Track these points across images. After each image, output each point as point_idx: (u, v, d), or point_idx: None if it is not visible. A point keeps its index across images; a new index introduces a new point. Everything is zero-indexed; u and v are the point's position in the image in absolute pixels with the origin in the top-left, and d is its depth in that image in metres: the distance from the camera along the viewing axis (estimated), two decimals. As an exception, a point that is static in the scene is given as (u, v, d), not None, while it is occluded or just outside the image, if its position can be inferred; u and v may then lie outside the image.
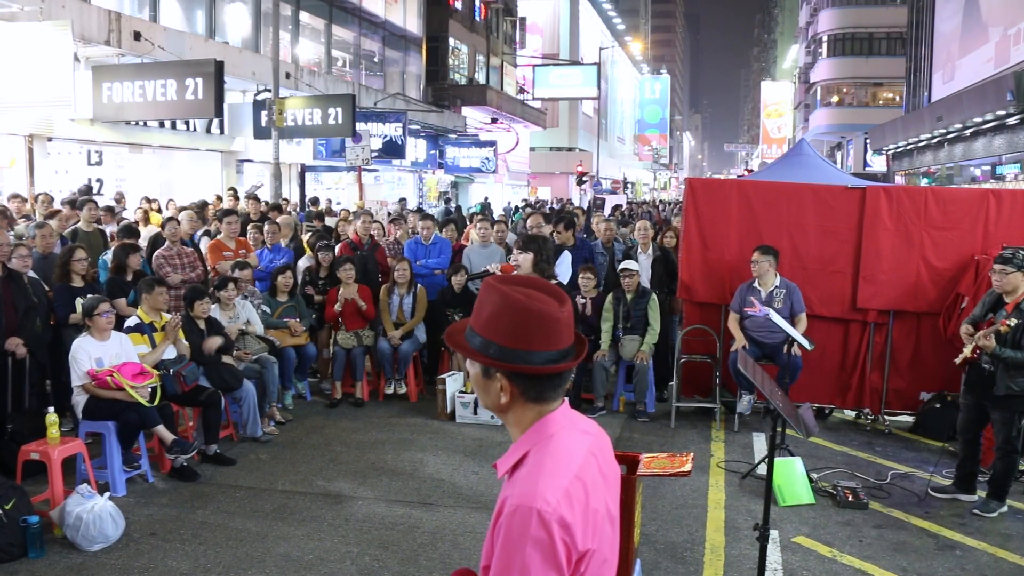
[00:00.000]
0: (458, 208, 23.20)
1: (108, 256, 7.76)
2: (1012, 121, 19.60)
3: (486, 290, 1.83)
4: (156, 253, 8.01)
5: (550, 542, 1.63)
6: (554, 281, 6.51)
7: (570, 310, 1.83)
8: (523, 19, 41.29)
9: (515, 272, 4.18)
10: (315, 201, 16.53)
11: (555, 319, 1.77)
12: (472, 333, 1.82)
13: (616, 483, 1.89)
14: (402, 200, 21.92)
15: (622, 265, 7.90)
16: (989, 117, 20.32)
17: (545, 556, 1.63)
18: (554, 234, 8.62)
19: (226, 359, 6.83)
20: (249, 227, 9.36)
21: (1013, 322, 5.29)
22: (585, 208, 21.45)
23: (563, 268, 8.02)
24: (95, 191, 14.19)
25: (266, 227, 9.19)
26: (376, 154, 20.77)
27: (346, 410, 7.93)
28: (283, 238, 9.42)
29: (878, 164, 40.61)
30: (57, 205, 9.97)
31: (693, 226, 7.78)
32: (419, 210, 15.18)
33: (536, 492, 1.66)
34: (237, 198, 13.21)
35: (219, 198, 13.78)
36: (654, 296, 7.91)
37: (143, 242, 9.11)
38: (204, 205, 11.76)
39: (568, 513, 1.67)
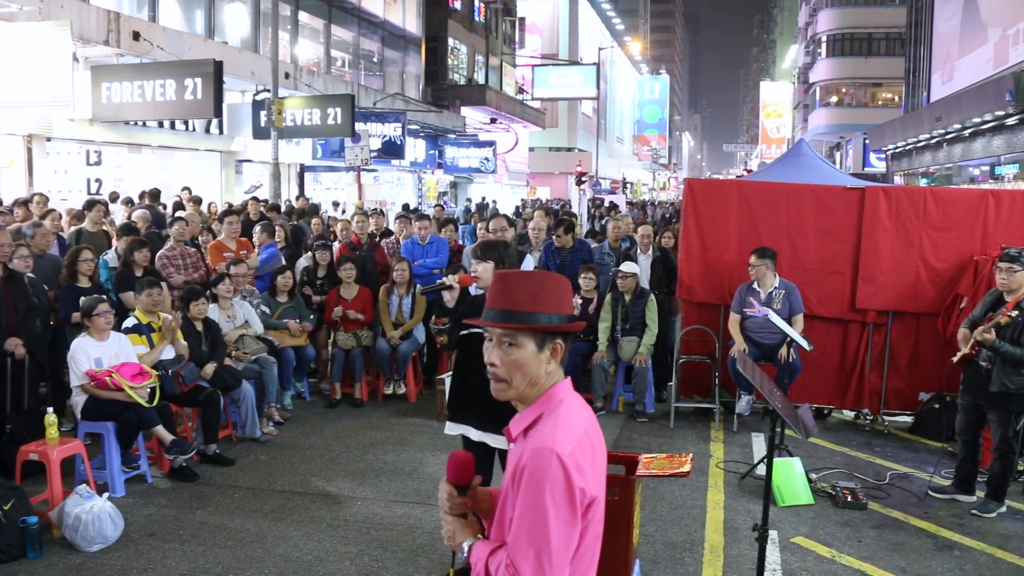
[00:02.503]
0: (485, 206, 23.05)
1: (109, 256, 7.78)
2: (1011, 121, 19.62)
3: (524, 275, 2.13)
4: (159, 253, 8.00)
5: (568, 483, 1.87)
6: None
7: None
8: (522, 19, 41.27)
9: (475, 284, 4.15)
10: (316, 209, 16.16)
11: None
12: (527, 315, 2.03)
13: (604, 460, 2.12)
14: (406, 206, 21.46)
15: (621, 267, 7.91)
16: (988, 117, 20.33)
17: (564, 494, 1.87)
18: (554, 237, 8.62)
19: (224, 360, 6.83)
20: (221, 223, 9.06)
21: (1014, 313, 5.31)
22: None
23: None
24: (96, 191, 14.20)
25: (255, 228, 9.21)
26: (375, 154, 20.74)
27: (345, 410, 7.93)
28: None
29: (877, 164, 40.62)
30: (54, 204, 9.93)
31: (692, 227, 7.78)
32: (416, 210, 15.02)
33: (556, 439, 1.91)
34: (193, 200, 12.96)
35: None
36: (652, 297, 7.91)
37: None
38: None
39: (582, 460, 1.92)
